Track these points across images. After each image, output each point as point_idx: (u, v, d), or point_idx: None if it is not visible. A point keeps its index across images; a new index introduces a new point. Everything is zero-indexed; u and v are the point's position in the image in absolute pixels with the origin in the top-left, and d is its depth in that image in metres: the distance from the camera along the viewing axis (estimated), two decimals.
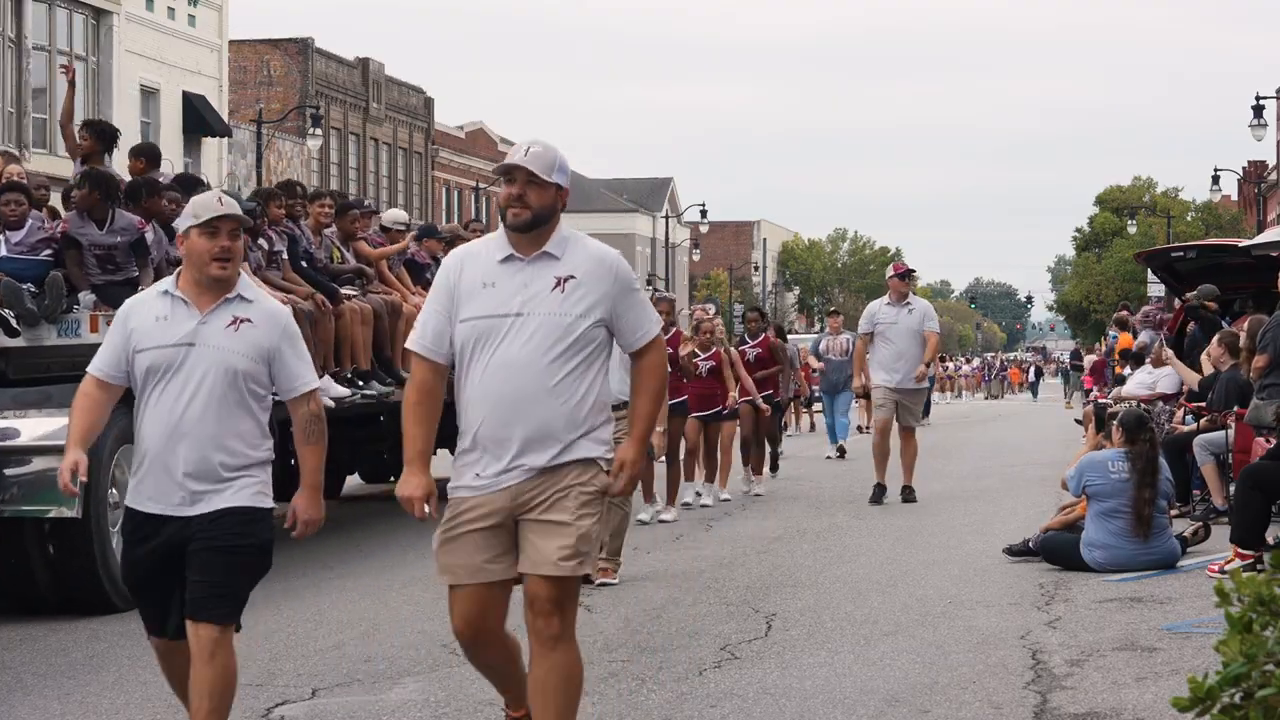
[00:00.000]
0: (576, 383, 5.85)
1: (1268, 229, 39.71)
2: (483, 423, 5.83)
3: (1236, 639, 3.34)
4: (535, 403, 5.79)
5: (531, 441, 5.81)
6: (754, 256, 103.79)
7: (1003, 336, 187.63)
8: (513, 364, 5.78)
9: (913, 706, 7.66)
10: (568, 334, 5.82)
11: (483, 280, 5.87)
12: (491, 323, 5.82)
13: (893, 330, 17.41)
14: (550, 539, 5.82)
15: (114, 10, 38.88)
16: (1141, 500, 11.85)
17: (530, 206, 5.87)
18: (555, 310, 5.82)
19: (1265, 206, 60.31)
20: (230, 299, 6.26)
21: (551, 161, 5.94)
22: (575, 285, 5.86)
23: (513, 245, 5.91)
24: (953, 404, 65.65)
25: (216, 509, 6.17)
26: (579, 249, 5.96)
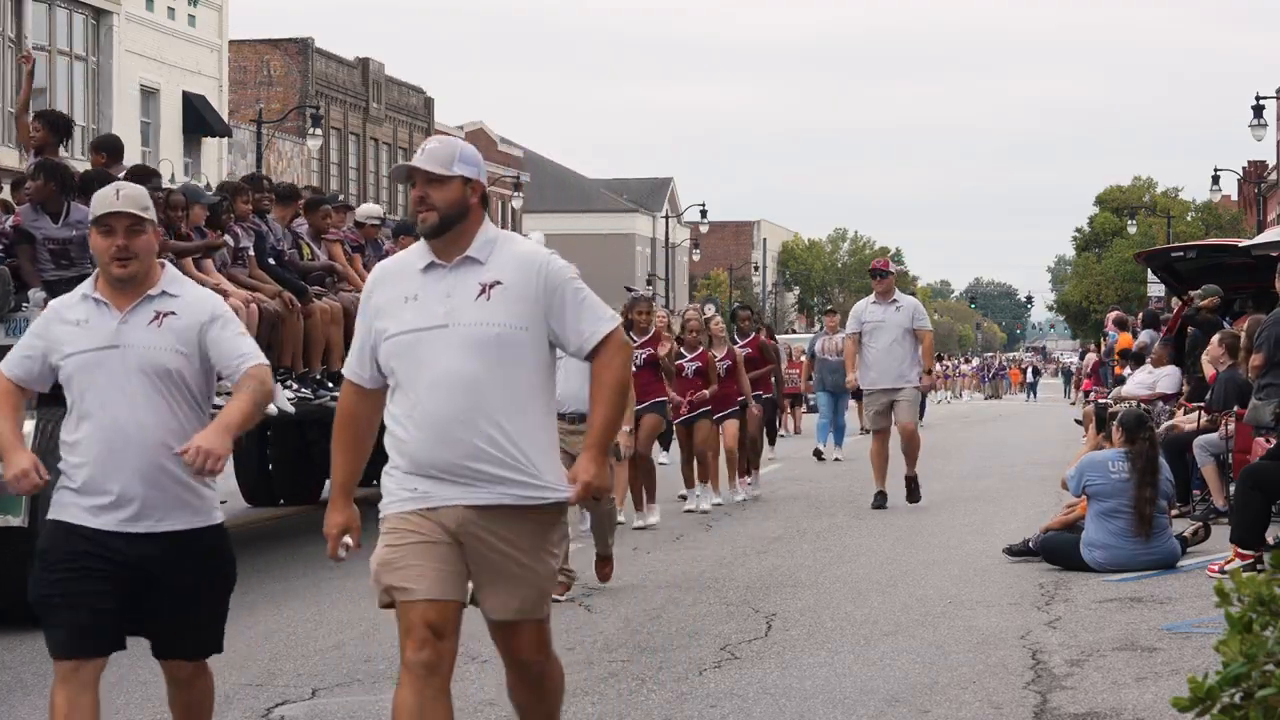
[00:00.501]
0: (511, 400, 5.34)
1: (1268, 229, 39.71)
2: (412, 445, 5.34)
3: (1236, 639, 3.34)
4: (466, 424, 5.29)
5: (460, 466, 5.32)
6: (754, 256, 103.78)
7: (1003, 336, 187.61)
8: (440, 383, 5.30)
9: (913, 706, 7.66)
10: (498, 345, 5.32)
11: (404, 294, 5.41)
12: (415, 338, 5.35)
13: (880, 330, 17.00)
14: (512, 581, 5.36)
15: (114, 10, 38.88)
16: (1142, 500, 11.85)
17: (435, 207, 5.38)
18: (482, 320, 5.32)
19: (1265, 206, 60.30)
20: (152, 295, 5.83)
21: (450, 155, 5.45)
22: (502, 291, 5.35)
23: (434, 252, 5.43)
24: (952, 404, 65.58)
25: (173, 530, 5.73)
26: (506, 251, 5.44)
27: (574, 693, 8.04)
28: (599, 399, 5.45)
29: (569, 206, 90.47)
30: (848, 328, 17.79)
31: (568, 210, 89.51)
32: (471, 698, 7.96)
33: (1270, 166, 66.42)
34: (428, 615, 5.29)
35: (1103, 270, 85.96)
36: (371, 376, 5.48)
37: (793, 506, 17.55)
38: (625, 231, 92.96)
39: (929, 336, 17.27)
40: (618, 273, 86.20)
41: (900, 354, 16.88)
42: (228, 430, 5.67)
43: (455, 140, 5.55)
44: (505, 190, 68.49)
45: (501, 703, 7.85)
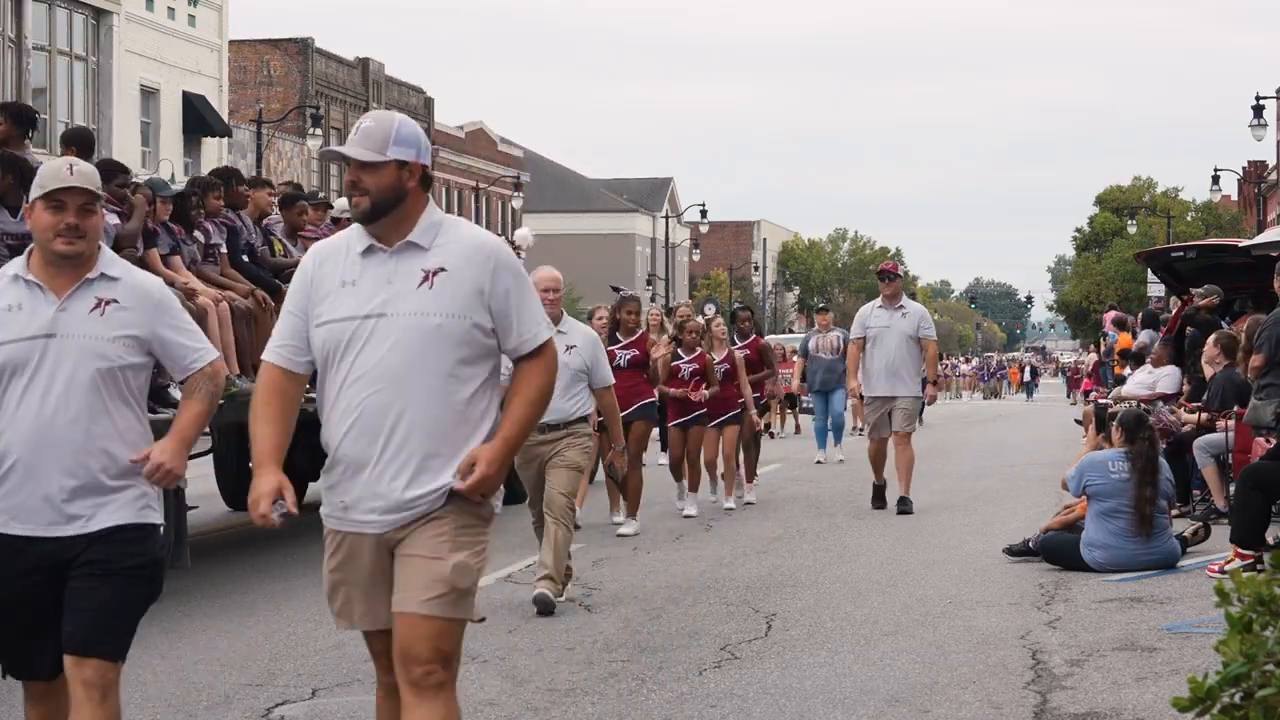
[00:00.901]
0: (452, 398, 4.99)
1: (1268, 229, 39.70)
2: (343, 442, 5.01)
3: (1236, 639, 3.34)
4: (400, 422, 4.95)
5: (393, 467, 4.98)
6: (754, 256, 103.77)
7: (1003, 336, 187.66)
8: (373, 374, 4.95)
9: (913, 706, 7.66)
10: (438, 338, 4.95)
11: (342, 278, 5.04)
12: (350, 326, 4.98)
13: (885, 335, 16.55)
14: (421, 574, 4.99)
15: (114, 10, 38.88)
16: (1143, 499, 11.85)
17: (367, 192, 4.99)
18: (421, 310, 4.95)
19: (1265, 206, 60.30)
20: (92, 279, 5.38)
21: (384, 135, 5.01)
22: (445, 279, 4.97)
23: (373, 236, 5.05)
24: (951, 404, 65.57)
25: (100, 527, 5.31)
26: (452, 236, 5.05)
27: (574, 692, 8.05)
28: (521, 397, 5.07)
29: (569, 206, 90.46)
30: (852, 332, 17.30)
31: (568, 210, 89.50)
32: (472, 698, 7.96)
33: (1270, 166, 66.41)
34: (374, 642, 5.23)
35: (1103, 270, 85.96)
36: (300, 361, 5.14)
37: (793, 506, 17.54)
38: (625, 231, 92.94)
39: (933, 346, 16.87)
40: (618, 273, 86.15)
41: (905, 362, 16.47)
42: (185, 444, 5.41)
43: (392, 118, 5.07)
44: (505, 190, 68.48)
45: (502, 703, 7.85)
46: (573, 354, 10.77)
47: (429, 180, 5.10)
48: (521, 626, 9.97)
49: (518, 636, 9.64)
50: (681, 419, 16.50)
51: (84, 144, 12.90)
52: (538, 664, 8.79)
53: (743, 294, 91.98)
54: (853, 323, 17.37)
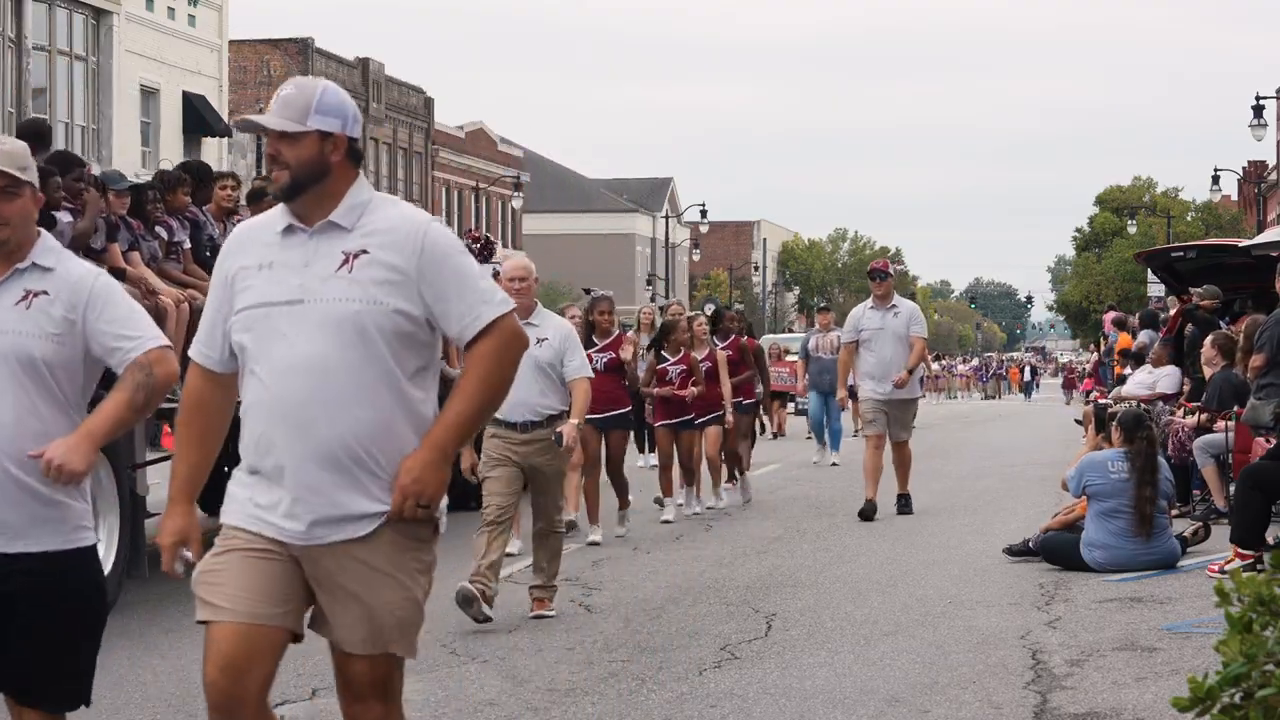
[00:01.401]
0: (379, 393, 4.50)
1: (1268, 229, 39.71)
2: (257, 440, 4.56)
3: (1236, 639, 3.34)
4: (321, 419, 4.47)
5: (310, 467, 4.49)
6: (754, 256, 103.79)
7: (1003, 336, 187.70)
8: (291, 367, 4.49)
9: (913, 706, 7.66)
10: (358, 327, 4.47)
11: (259, 261, 4.60)
12: (265, 313, 4.54)
13: (879, 336, 16.14)
14: (353, 609, 4.55)
15: (114, 10, 38.87)
16: (1142, 499, 11.85)
17: (287, 166, 4.54)
18: (341, 295, 4.48)
19: (1265, 206, 60.31)
20: (21, 269, 4.89)
21: (305, 104, 4.57)
22: (367, 263, 4.51)
23: (294, 214, 4.60)
24: (951, 404, 65.56)
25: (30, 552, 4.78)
26: (378, 216, 4.58)
27: (574, 692, 8.05)
28: (461, 389, 4.53)
29: (569, 206, 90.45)
30: (844, 335, 16.91)
31: (568, 210, 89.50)
32: (471, 698, 7.96)
33: (1270, 166, 66.41)
34: (226, 643, 4.50)
35: (1103, 270, 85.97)
36: (221, 358, 4.68)
37: (793, 507, 17.53)
38: (625, 231, 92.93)
39: (921, 343, 16.40)
40: (618, 273, 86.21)
41: (900, 364, 16.04)
42: (91, 440, 4.79)
43: (315, 85, 4.65)
44: (505, 190, 68.47)
45: (502, 703, 7.85)
46: (544, 346, 10.16)
47: (358, 155, 4.65)
48: (521, 626, 9.97)
49: (518, 636, 9.64)
50: (669, 420, 16.07)
51: (38, 137, 12.37)
52: (538, 664, 8.79)
53: (743, 294, 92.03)
54: (844, 325, 16.97)
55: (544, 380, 10.23)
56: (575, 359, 10.41)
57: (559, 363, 10.29)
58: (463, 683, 8.34)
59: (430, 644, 9.42)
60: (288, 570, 4.54)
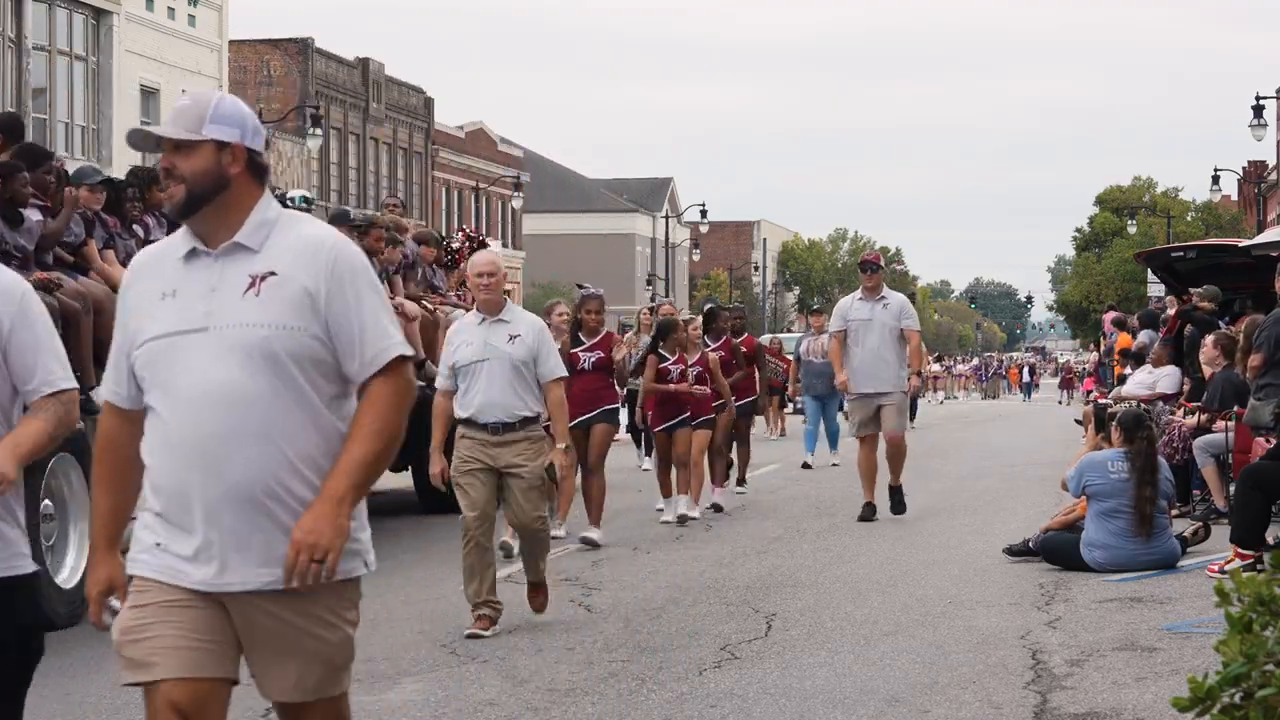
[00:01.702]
0: (291, 425, 4.22)
1: (1268, 229, 39.72)
2: (161, 477, 4.27)
3: (1236, 639, 3.34)
4: (229, 454, 4.19)
5: (223, 507, 4.21)
6: (754, 256, 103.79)
7: (1003, 336, 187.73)
8: (198, 400, 4.20)
9: (913, 706, 7.66)
10: (269, 354, 4.19)
11: (162, 289, 4.31)
12: (170, 344, 4.25)
13: (866, 328, 15.74)
14: (279, 655, 4.30)
15: (114, 10, 38.88)
16: (1142, 499, 11.85)
17: (183, 179, 4.26)
18: (247, 321, 4.20)
19: (1265, 206, 60.30)
20: None
21: (199, 115, 4.28)
22: (276, 285, 4.23)
23: (196, 236, 4.32)
24: (951, 404, 65.57)
25: None
26: (286, 235, 4.30)
27: (574, 692, 8.05)
28: (361, 433, 4.23)
29: (569, 206, 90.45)
30: (832, 325, 16.53)
31: (568, 210, 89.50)
32: (471, 698, 7.96)
33: (1270, 166, 66.42)
34: (174, 696, 4.19)
35: (1103, 270, 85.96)
36: (130, 394, 4.38)
37: (793, 507, 17.53)
38: (625, 231, 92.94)
39: (916, 336, 16.09)
40: (618, 273, 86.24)
41: (888, 355, 15.72)
42: (16, 454, 4.59)
43: (210, 94, 4.38)
44: (505, 190, 68.48)
45: (502, 703, 7.86)
46: (517, 344, 9.68)
47: (261, 169, 4.35)
48: (521, 626, 9.97)
49: (518, 636, 9.64)
50: (666, 422, 15.70)
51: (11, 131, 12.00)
52: (538, 664, 8.79)
53: (743, 294, 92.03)
54: (831, 316, 16.72)
55: (516, 380, 9.72)
56: (549, 359, 9.84)
57: (533, 362, 9.74)
58: (463, 683, 8.34)
59: (430, 644, 9.43)
60: (213, 617, 4.25)
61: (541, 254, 76.12)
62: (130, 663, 4.26)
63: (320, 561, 4.14)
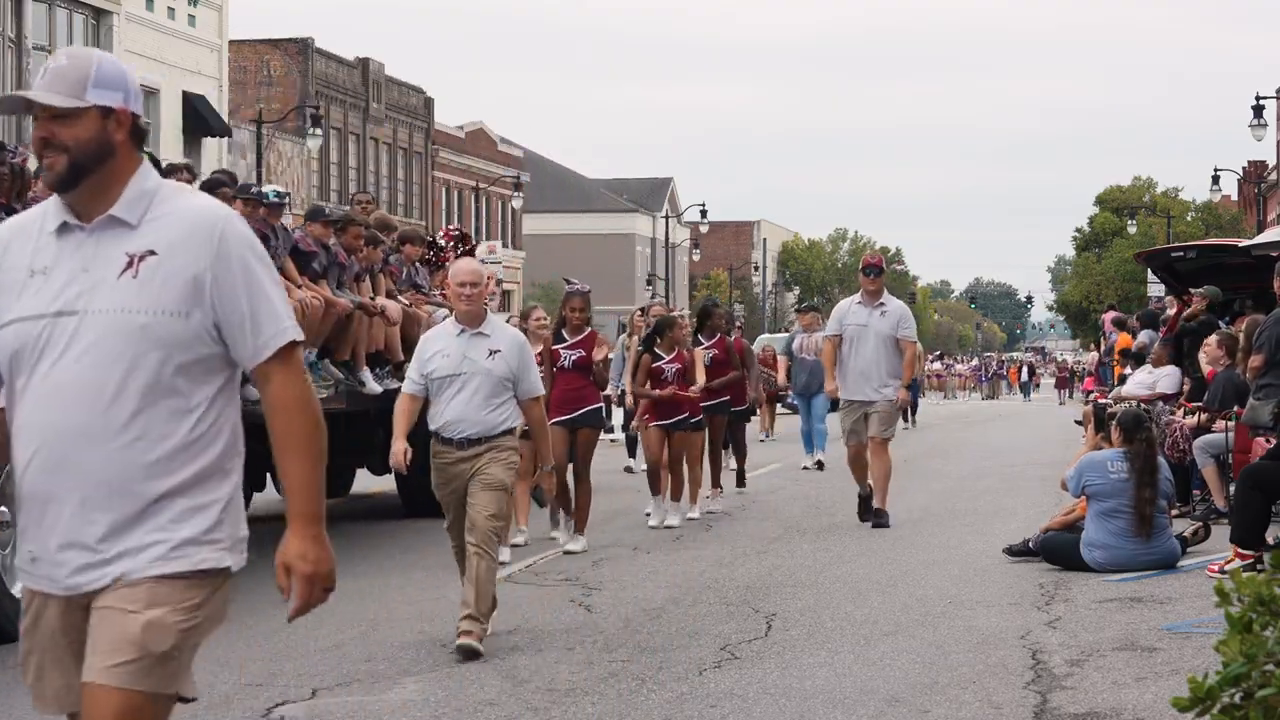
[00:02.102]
0: (164, 421, 3.84)
1: (1268, 229, 39.72)
2: (26, 475, 3.90)
3: (1236, 639, 3.34)
4: (94, 449, 3.82)
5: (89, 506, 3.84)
6: (754, 256, 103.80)
7: (1003, 336, 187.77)
8: (64, 388, 3.83)
9: (913, 706, 7.66)
10: (145, 342, 3.81)
11: (31, 265, 3.91)
12: (37, 327, 3.86)
13: (862, 334, 15.27)
14: (107, 633, 3.83)
15: (114, 10, 38.89)
16: (1142, 500, 11.85)
17: (65, 149, 3.86)
18: (124, 305, 3.81)
19: (1265, 206, 60.31)
20: None
21: (81, 78, 3.86)
22: (156, 266, 3.81)
23: (69, 209, 3.91)
24: (950, 404, 65.57)
25: None
26: (168, 210, 3.89)
27: (574, 692, 8.05)
28: (292, 448, 3.94)
29: (569, 206, 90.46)
30: (828, 329, 16.06)
31: (568, 210, 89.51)
32: (471, 698, 7.96)
33: (1270, 166, 66.43)
34: None
35: (1103, 270, 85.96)
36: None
37: (793, 507, 17.53)
38: (625, 231, 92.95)
39: (913, 348, 15.64)
40: (618, 273, 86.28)
41: (883, 365, 15.23)
42: None
43: (90, 55, 3.95)
44: (505, 190, 68.49)
45: (502, 703, 7.85)
46: (497, 359, 9.33)
47: (142, 135, 3.99)
48: (521, 626, 9.97)
49: (518, 636, 9.63)
50: (662, 421, 15.32)
51: None
52: (538, 664, 8.79)
53: (743, 294, 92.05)
54: (829, 319, 16.23)
55: (494, 396, 9.36)
56: (529, 378, 9.50)
57: (512, 378, 9.39)
58: (463, 683, 8.34)
59: (430, 644, 9.43)
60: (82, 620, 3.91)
61: (541, 254, 76.12)
62: (30, 689, 4.10)
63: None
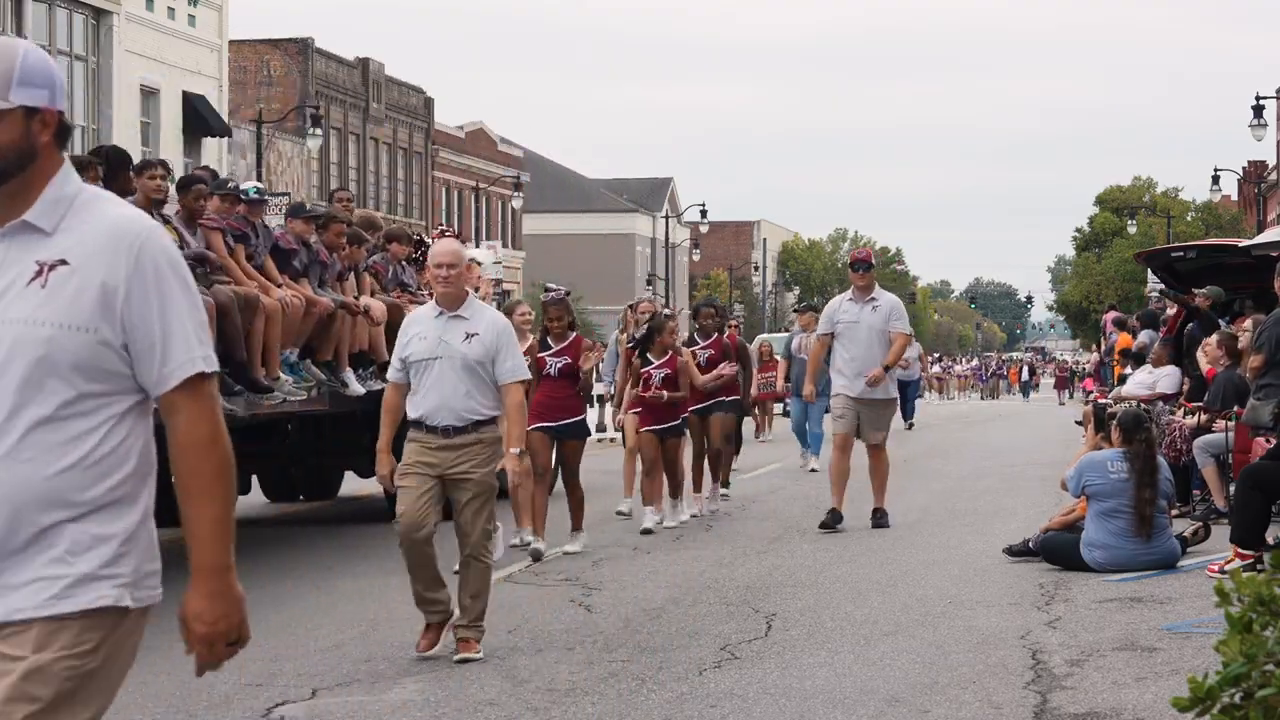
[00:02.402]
0: (62, 442, 3.52)
1: (1268, 229, 39.72)
2: None
3: (1236, 639, 3.34)
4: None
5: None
6: (754, 256, 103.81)
7: (1003, 336, 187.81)
8: None
9: (913, 706, 7.66)
10: (47, 359, 3.51)
11: None
12: None
13: (854, 330, 14.99)
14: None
15: (114, 10, 38.88)
16: (1142, 500, 11.84)
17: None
18: (29, 317, 3.52)
19: (1265, 206, 60.32)
20: None
21: (6, 74, 3.55)
22: (67, 276, 3.52)
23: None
24: (950, 404, 65.58)
25: None
26: (86, 218, 3.59)
27: (574, 692, 8.05)
28: (196, 491, 3.60)
29: (569, 206, 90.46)
30: (820, 328, 15.74)
31: (568, 210, 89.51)
32: (471, 697, 7.97)
33: (1270, 166, 66.43)
34: None
35: (1103, 270, 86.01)
36: None
37: (793, 507, 17.53)
38: (625, 231, 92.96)
39: (902, 339, 15.21)
40: (618, 273, 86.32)
41: (876, 360, 14.91)
42: None
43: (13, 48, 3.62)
44: (505, 190, 68.48)
45: (502, 703, 7.86)
46: (473, 343, 8.95)
47: (66, 132, 3.68)
48: (521, 626, 9.98)
49: (518, 636, 9.64)
50: (655, 426, 14.95)
51: None
52: (538, 664, 8.79)
53: (743, 294, 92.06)
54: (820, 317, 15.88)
55: (471, 381, 8.97)
56: (509, 359, 9.04)
57: (490, 362, 8.99)
58: (463, 683, 8.34)
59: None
60: None
61: (541, 254, 76.12)
62: None
63: (235, 643, 3.70)
